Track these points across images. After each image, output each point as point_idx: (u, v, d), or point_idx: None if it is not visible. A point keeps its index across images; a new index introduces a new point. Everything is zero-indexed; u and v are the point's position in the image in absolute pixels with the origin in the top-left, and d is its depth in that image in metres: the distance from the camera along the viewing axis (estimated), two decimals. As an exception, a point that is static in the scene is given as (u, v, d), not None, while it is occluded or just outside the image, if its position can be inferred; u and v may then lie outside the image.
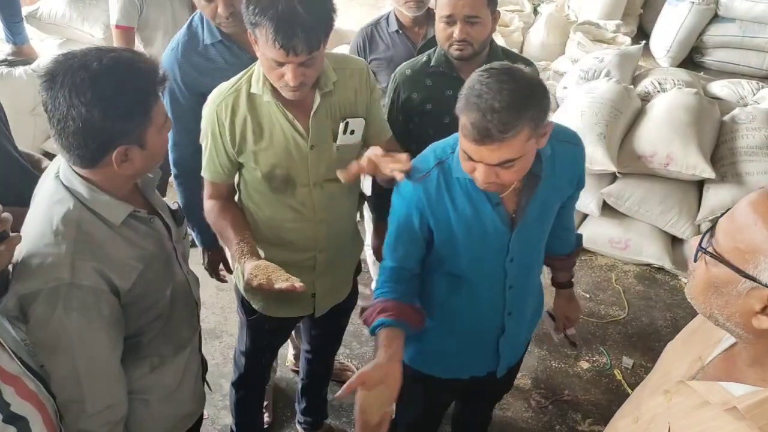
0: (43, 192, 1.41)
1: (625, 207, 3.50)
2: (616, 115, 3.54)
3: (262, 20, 1.56)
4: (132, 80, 1.27)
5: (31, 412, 1.26)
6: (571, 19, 5.32)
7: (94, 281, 1.31)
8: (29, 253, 1.32)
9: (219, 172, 1.86)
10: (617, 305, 3.41)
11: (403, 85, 2.13)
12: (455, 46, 2.00)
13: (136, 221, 1.43)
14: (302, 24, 1.55)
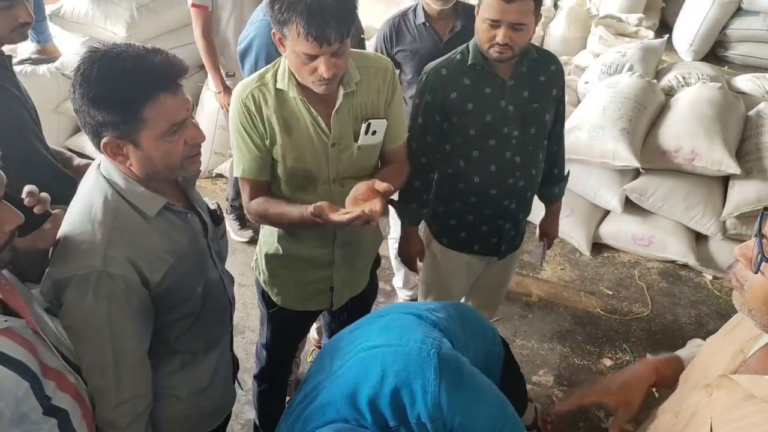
0: (85, 181, 1.43)
1: (648, 203, 3.47)
2: (639, 109, 3.51)
3: (291, 16, 1.57)
4: (122, 75, 1.25)
5: (71, 404, 1.29)
6: (592, 12, 5.27)
7: (124, 270, 1.33)
8: (67, 237, 1.35)
9: (258, 165, 1.85)
10: (640, 302, 3.38)
11: (439, 85, 2.10)
12: (496, 48, 1.98)
13: (171, 215, 1.44)
14: (332, 13, 1.56)
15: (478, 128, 2.12)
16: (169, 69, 1.29)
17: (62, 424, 1.27)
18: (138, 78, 1.25)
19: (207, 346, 1.61)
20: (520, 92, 2.12)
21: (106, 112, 1.26)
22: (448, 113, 2.13)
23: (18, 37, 1.88)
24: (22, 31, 1.87)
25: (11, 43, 1.90)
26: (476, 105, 2.10)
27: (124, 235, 1.35)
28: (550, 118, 2.22)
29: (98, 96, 1.25)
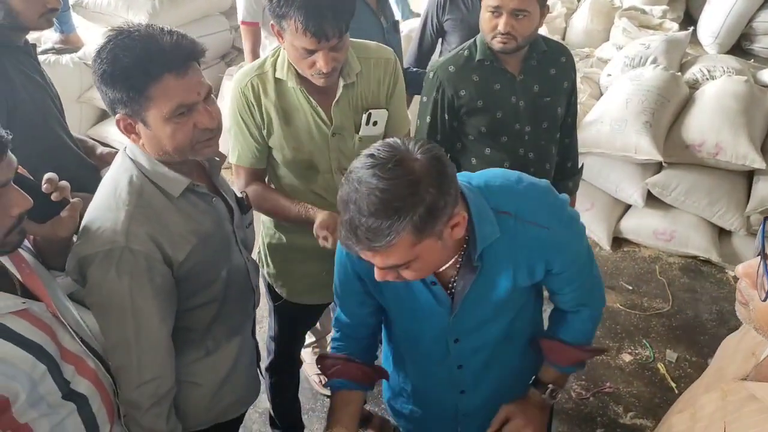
0: (112, 165, 1.45)
1: (670, 198, 3.43)
2: (663, 102, 3.46)
3: (289, 11, 1.57)
4: (127, 55, 1.25)
5: (91, 390, 1.30)
6: (615, 4, 5.19)
7: (147, 248, 1.33)
8: (92, 217, 1.36)
9: (253, 154, 1.87)
10: (661, 297, 3.34)
11: (448, 82, 2.06)
12: (499, 38, 1.96)
13: (195, 197, 1.44)
14: (330, 8, 1.56)
15: (489, 125, 2.08)
16: (177, 50, 1.28)
17: (81, 409, 1.29)
18: (143, 57, 1.25)
19: (230, 332, 1.61)
20: (530, 87, 2.08)
21: (113, 89, 1.28)
22: (458, 111, 2.09)
23: (45, 24, 1.90)
24: (49, 17, 1.89)
25: (39, 29, 1.92)
26: (486, 102, 2.06)
27: (147, 213, 1.35)
28: (562, 111, 2.19)
29: (106, 73, 1.26)
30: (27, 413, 1.19)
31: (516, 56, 2.05)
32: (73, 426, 1.27)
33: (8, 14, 1.83)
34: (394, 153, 1.12)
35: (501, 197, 1.31)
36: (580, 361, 1.58)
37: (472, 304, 1.37)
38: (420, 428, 1.69)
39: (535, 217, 1.32)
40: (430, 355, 1.49)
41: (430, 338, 1.44)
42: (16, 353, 1.16)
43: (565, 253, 1.38)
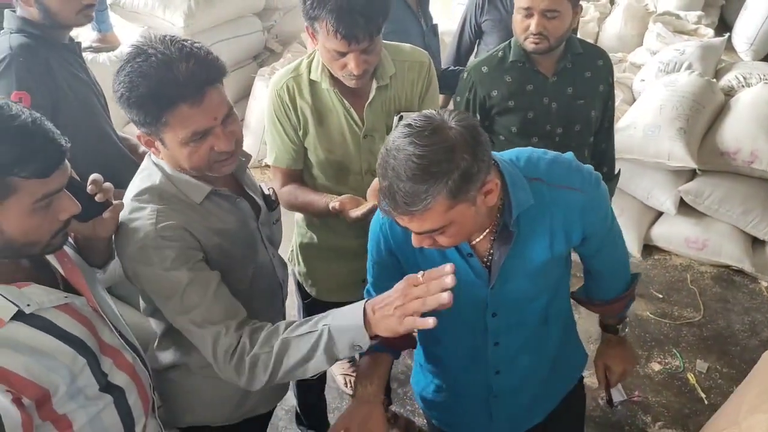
0: (139, 168, 1.49)
1: (704, 206, 3.38)
2: (697, 109, 3.41)
3: (321, 13, 1.58)
4: (142, 82, 1.26)
5: (127, 383, 1.33)
6: (649, 9, 5.14)
7: (178, 234, 1.36)
8: (122, 222, 1.39)
9: (290, 156, 1.88)
10: (692, 307, 3.29)
11: (480, 83, 2.09)
12: (531, 39, 1.96)
13: (219, 198, 1.46)
14: (361, 11, 1.56)
15: (520, 126, 2.09)
16: (192, 79, 1.27)
17: (118, 401, 1.31)
18: (158, 86, 1.25)
19: None
20: (563, 89, 2.08)
21: (129, 111, 1.30)
22: (489, 111, 2.11)
23: (83, 19, 1.95)
24: (87, 13, 1.94)
25: (78, 25, 1.96)
26: (518, 102, 2.07)
27: (173, 208, 1.39)
28: (596, 114, 2.17)
29: (123, 96, 1.28)
30: (66, 405, 1.22)
31: (549, 57, 2.05)
32: (109, 418, 1.30)
33: (46, 14, 1.88)
34: (430, 122, 1.18)
35: (531, 166, 1.36)
36: (630, 301, 1.70)
37: (509, 275, 1.39)
38: (452, 415, 1.69)
39: (567, 182, 1.37)
40: (467, 331, 1.51)
41: (468, 312, 1.45)
42: (57, 346, 1.19)
43: (598, 213, 1.43)
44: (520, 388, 1.59)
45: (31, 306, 1.16)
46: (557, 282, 1.50)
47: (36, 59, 1.87)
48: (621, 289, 1.64)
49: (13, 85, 1.82)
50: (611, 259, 1.58)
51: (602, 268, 1.60)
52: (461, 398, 1.64)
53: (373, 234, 1.50)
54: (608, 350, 1.74)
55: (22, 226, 1.11)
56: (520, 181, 1.32)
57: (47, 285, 1.22)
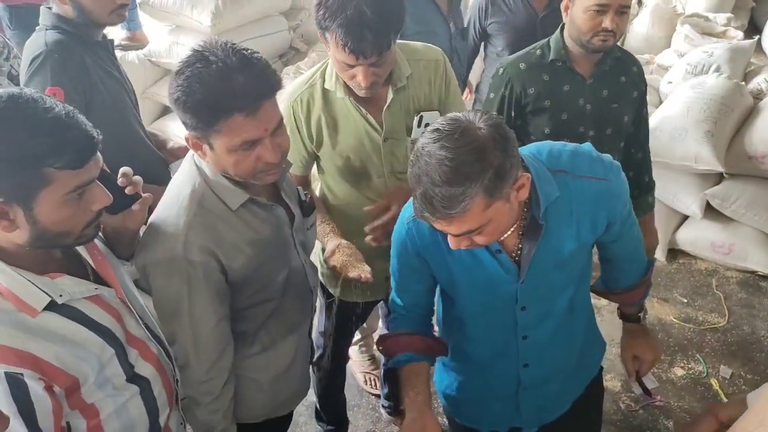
0: (180, 169, 1.50)
1: (730, 210, 3.34)
2: (726, 112, 3.37)
3: (331, 25, 1.58)
4: (200, 89, 1.28)
5: (153, 374, 1.35)
6: (677, 10, 5.08)
7: (204, 258, 1.38)
8: (155, 223, 1.42)
9: (297, 165, 1.89)
10: (717, 312, 3.25)
11: (517, 79, 2.08)
12: (601, 36, 1.94)
13: (255, 206, 1.47)
14: (370, 27, 1.55)
15: (554, 127, 2.08)
16: (250, 91, 1.29)
17: (143, 392, 1.34)
18: (216, 94, 1.27)
19: (286, 331, 1.65)
20: (599, 91, 2.08)
21: (183, 114, 1.32)
22: (524, 109, 2.10)
23: (117, 18, 1.98)
24: (120, 12, 1.97)
25: (111, 24, 2.00)
26: (553, 102, 2.07)
27: (206, 222, 1.40)
28: (628, 120, 2.16)
29: (179, 100, 1.30)
30: (94, 394, 1.25)
31: (590, 59, 2.04)
32: (135, 408, 1.33)
33: (80, 12, 1.92)
34: (458, 124, 1.19)
35: (553, 159, 1.38)
36: (648, 287, 1.72)
37: (539, 268, 1.41)
38: (478, 410, 1.70)
39: (591, 171, 1.39)
40: (495, 326, 1.53)
41: (498, 308, 1.48)
42: (87, 336, 1.22)
43: (621, 199, 1.45)
44: (548, 379, 1.61)
45: (63, 296, 1.19)
46: (582, 270, 1.53)
47: (70, 56, 1.90)
48: (640, 275, 1.66)
49: (47, 81, 1.85)
50: (630, 244, 1.59)
51: (622, 254, 1.61)
52: (489, 393, 1.65)
53: (398, 237, 1.50)
54: (634, 341, 1.75)
55: (55, 216, 1.14)
56: (545, 174, 1.35)
57: (78, 276, 1.25)
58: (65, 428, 1.22)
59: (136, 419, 1.33)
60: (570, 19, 2.00)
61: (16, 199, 1.10)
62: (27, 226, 1.12)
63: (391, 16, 1.60)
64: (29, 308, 1.15)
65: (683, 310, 3.26)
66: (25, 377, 1.12)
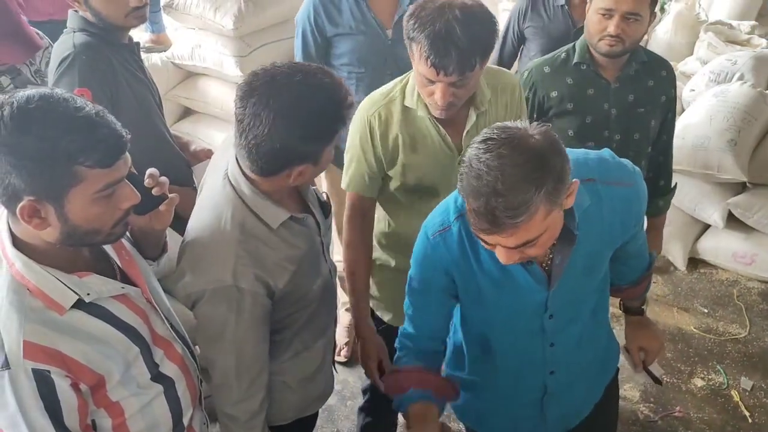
0: (212, 186, 1.50)
1: (753, 220, 3.30)
2: (749, 121, 3.33)
3: (418, 36, 1.56)
4: (329, 107, 1.32)
5: (177, 374, 1.37)
6: (701, 18, 5.04)
7: (252, 285, 1.39)
8: (198, 245, 1.42)
9: (365, 183, 1.84)
10: (738, 323, 3.22)
11: (541, 82, 2.09)
12: (606, 41, 1.94)
13: (293, 222, 1.48)
14: (457, 45, 1.52)
15: (578, 129, 2.08)
16: (345, 90, 1.38)
17: (167, 391, 1.35)
18: (339, 108, 1.35)
19: (317, 334, 1.65)
20: (624, 95, 2.07)
21: (313, 145, 1.36)
22: (547, 112, 2.11)
23: (135, 21, 1.99)
24: (137, 15, 1.97)
25: (130, 26, 2.01)
26: (576, 105, 2.06)
27: (250, 248, 1.40)
28: (655, 125, 2.15)
29: (310, 131, 1.33)
30: (119, 392, 1.26)
31: (615, 63, 2.03)
32: (159, 407, 1.34)
33: (98, 16, 1.94)
34: (512, 133, 1.18)
35: (580, 167, 1.34)
36: (649, 283, 1.74)
37: (569, 275, 1.40)
38: (503, 421, 1.68)
39: (618, 178, 1.41)
40: (522, 336, 1.51)
41: (526, 318, 1.46)
42: (114, 335, 1.23)
43: (643, 202, 1.48)
44: (573, 385, 1.60)
45: (90, 295, 1.20)
46: (606, 273, 1.54)
47: (98, 57, 1.93)
48: (644, 269, 1.68)
49: (75, 82, 1.88)
50: (639, 242, 1.60)
51: (631, 252, 1.60)
52: (515, 403, 1.63)
53: (423, 255, 1.46)
54: (638, 332, 1.77)
55: (86, 213, 1.15)
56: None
57: (105, 275, 1.26)
58: (90, 426, 1.23)
59: (161, 418, 1.35)
60: (586, 22, 2.01)
61: (48, 197, 1.11)
62: (58, 224, 1.14)
63: (480, 40, 1.56)
64: (57, 306, 1.16)
65: (704, 320, 3.23)
66: (52, 374, 1.13)
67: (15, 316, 1.14)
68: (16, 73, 2.37)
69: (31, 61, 2.42)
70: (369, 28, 2.31)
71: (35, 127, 1.08)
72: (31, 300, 1.15)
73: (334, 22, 2.32)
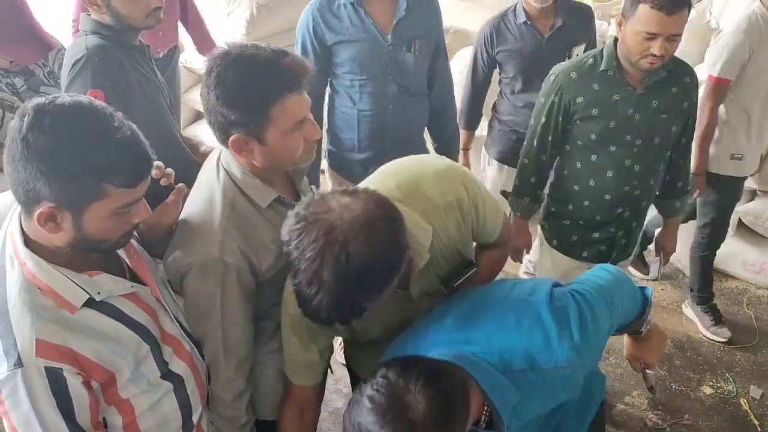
0: (206, 169, 1.54)
1: (763, 228, 3.29)
2: (759, 129, 3.32)
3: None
4: (252, 78, 1.31)
5: (186, 372, 1.38)
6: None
7: (237, 259, 1.41)
8: (189, 224, 1.45)
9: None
10: (747, 331, 3.20)
11: (567, 87, 2.11)
12: (649, 59, 1.94)
13: (280, 206, 1.50)
14: None
15: (600, 134, 2.11)
16: (297, 71, 1.35)
17: (177, 389, 1.36)
18: (269, 80, 1.32)
19: None
20: (648, 101, 2.08)
21: (238, 113, 1.34)
22: (572, 116, 2.13)
23: (153, 21, 2.02)
24: (156, 15, 2.01)
25: (148, 27, 2.04)
26: (601, 111, 2.09)
27: (239, 225, 1.43)
28: (676, 130, 2.16)
29: (232, 98, 1.33)
30: (129, 390, 1.27)
31: (642, 71, 2.03)
32: (169, 405, 1.35)
33: (118, 18, 1.96)
34: (394, 399, 1.06)
35: (507, 359, 1.26)
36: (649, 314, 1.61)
37: None
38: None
39: (552, 361, 1.26)
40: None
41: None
42: (124, 332, 1.24)
43: (591, 363, 1.37)
44: None
45: (101, 294, 1.22)
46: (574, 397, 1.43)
47: (111, 60, 1.95)
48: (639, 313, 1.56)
49: (88, 84, 1.90)
50: (627, 313, 1.51)
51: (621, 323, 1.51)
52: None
53: None
54: (637, 346, 1.67)
55: (100, 226, 1.17)
56: (499, 379, 1.23)
57: (115, 274, 1.27)
58: (101, 423, 1.25)
59: (170, 416, 1.36)
60: (621, 36, 2.00)
61: (69, 206, 1.13)
62: (72, 231, 1.16)
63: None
64: (68, 304, 1.18)
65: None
66: (64, 372, 1.15)
67: (27, 315, 1.15)
68: (29, 75, 2.41)
69: (44, 62, 2.44)
70: (369, 35, 2.33)
71: (73, 140, 1.09)
72: (43, 299, 1.17)
73: (334, 30, 2.34)
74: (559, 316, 1.29)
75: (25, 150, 1.08)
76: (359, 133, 2.48)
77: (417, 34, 2.38)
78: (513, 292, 1.38)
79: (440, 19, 2.50)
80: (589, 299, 1.35)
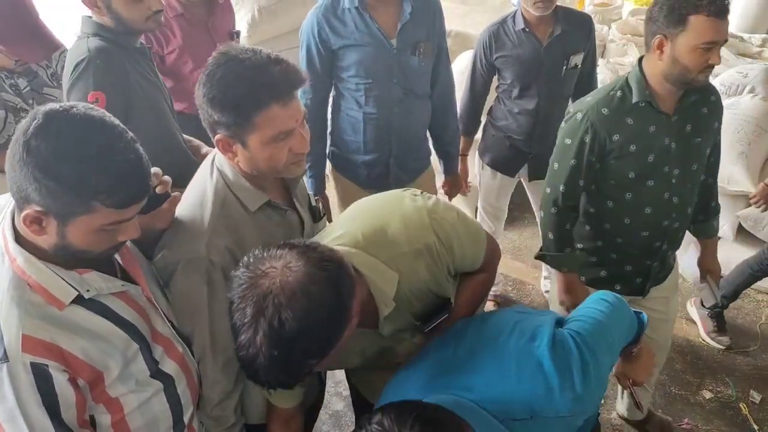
0: (201, 169, 1.54)
1: (763, 232, 3.27)
2: (759, 133, 3.31)
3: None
4: (240, 81, 1.31)
5: (177, 372, 1.37)
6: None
7: (224, 259, 1.41)
8: (179, 222, 1.45)
9: None
10: (748, 336, 3.19)
11: (600, 125, 1.96)
12: (706, 72, 1.86)
13: (271, 210, 1.50)
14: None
15: (639, 170, 1.99)
16: (285, 81, 1.34)
17: (167, 389, 1.36)
18: (254, 86, 1.32)
19: None
20: (682, 127, 1.98)
21: (221, 113, 1.34)
22: (607, 155, 2.00)
23: (153, 24, 2.03)
24: (156, 18, 2.01)
25: (149, 30, 2.05)
26: (639, 146, 1.96)
27: (227, 224, 1.43)
28: (709, 152, 2.08)
29: (216, 98, 1.33)
30: (118, 388, 1.27)
31: (674, 95, 1.95)
32: (159, 405, 1.35)
33: (119, 21, 1.97)
34: None
35: (506, 406, 1.25)
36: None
37: None
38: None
39: (553, 411, 1.25)
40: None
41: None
42: (113, 331, 1.24)
43: (590, 411, 1.33)
44: None
45: (90, 291, 1.21)
46: None
47: (112, 62, 1.95)
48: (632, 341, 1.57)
49: (90, 86, 1.91)
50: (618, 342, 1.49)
51: None
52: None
53: None
54: (628, 365, 1.66)
55: (84, 239, 1.17)
56: (496, 428, 1.21)
57: (106, 273, 1.27)
58: (88, 421, 1.24)
59: (160, 415, 1.35)
60: (670, 58, 1.86)
61: (55, 214, 1.13)
62: (55, 237, 1.16)
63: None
64: (57, 301, 1.18)
65: (713, 332, 3.19)
66: (50, 368, 1.15)
67: (15, 311, 1.15)
68: (33, 76, 2.41)
69: (48, 64, 2.45)
70: (374, 39, 2.33)
71: (72, 155, 1.09)
72: (32, 295, 1.17)
73: (339, 34, 2.34)
74: (561, 364, 1.28)
75: (24, 153, 1.08)
76: (365, 136, 2.50)
77: (421, 37, 2.39)
78: (514, 335, 1.36)
79: (442, 20, 2.51)
80: (590, 343, 1.34)
